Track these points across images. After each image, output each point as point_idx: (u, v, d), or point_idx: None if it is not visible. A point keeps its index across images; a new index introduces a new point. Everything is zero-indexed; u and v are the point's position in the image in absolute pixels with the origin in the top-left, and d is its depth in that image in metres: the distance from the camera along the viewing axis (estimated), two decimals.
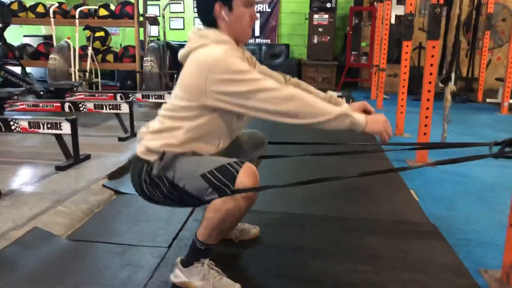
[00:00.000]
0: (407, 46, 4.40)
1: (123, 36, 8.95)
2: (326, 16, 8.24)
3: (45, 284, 1.70)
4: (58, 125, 2.98)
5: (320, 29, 8.29)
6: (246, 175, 1.47)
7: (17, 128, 3.06)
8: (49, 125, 3.00)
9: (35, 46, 7.30)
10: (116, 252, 1.96)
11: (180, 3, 9.24)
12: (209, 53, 1.50)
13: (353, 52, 8.38)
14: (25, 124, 3.04)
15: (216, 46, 1.52)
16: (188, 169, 1.53)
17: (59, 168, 2.94)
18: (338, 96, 1.84)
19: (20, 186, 2.64)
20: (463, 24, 7.08)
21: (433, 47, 3.24)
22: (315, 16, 8.27)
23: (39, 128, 3.03)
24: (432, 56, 3.26)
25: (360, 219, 2.41)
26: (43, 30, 9.13)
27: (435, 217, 2.43)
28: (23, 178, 2.78)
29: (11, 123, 3.04)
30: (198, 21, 1.67)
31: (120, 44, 8.89)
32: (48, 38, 8.60)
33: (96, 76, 6.25)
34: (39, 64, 6.76)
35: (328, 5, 8.25)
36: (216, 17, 1.59)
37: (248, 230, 2.10)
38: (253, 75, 1.45)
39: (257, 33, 9.07)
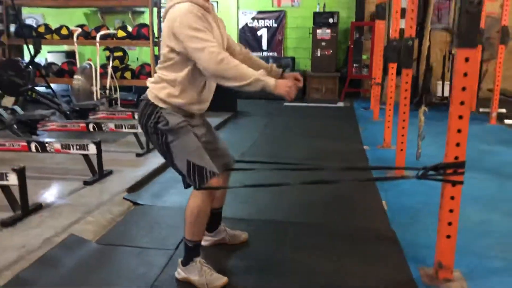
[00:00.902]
0: (407, 75, 4.07)
1: (140, 51, 9.55)
2: (329, 31, 8.74)
3: (80, 278, 2.26)
4: (86, 147, 3.56)
5: (323, 43, 8.80)
6: (207, 193, 2.08)
7: (51, 150, 3.65)
8: (78, 147, 3.58)
9: (58, 62, 7.96)
10: (134, 253, 2.51)
11: None
12: (177, 9, 1.96)
13: (354, 64, 8.86)
14: (58, 146, 3.62)
15: (183, 4, 1.96)
16: (183, 148, 2.05)
17: (86, 183, 3.52)
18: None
19: (56, 199, 3.22)
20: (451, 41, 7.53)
21: (407, 74, 3.74)
22: (318, 31, 8.78)
23: (69, 149, 3.61)
24: (406, 82, 3.76)
25: (333, 225, 2.93)
26: (65, 46, 9.81)
27: (397, 224, 2.94)
28: (58, 192, 3.36)
29: (47, 145, 3.63)
30: None
31: (137, 58, 9.55)
32: (70, 54, 9.30)
33: (116, 92, 6.87)
34: (63, 81, 7.39)
35: (331, 20, 8.76)
36: None
37: (238, 236, 2.64)
38: (204, 35, 1.90)
39: (264, 46, 9.62)
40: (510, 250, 2.62)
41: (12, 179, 2.78)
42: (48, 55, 9.46)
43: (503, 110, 6.97)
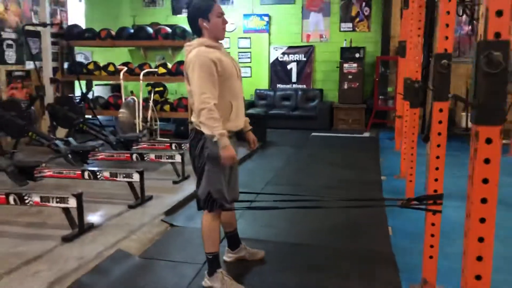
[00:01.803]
0: (414, 113, 4.49)
1: (178, 84, 10.28)
2: (355, 65, 9.22)
3: (126, 285, 2.79)
4: (131, 175, 4.15)
5: (350, 76, 9.28)
6: (215, 216, 2.64)
7: (101, 177, 4.25)
8: (124, 175, 4.17)
9: (104, 95, 8.79)
10: (169, 266, 3.03)
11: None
12: (191, 55, 2.47)
13: (380, 96, 9.27)
14: (107, 174, 4.23)
15: (194, 50, 2.48)
16: (211, 179, 2.56)
17: (130, 207, 4.09)
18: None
19: (105, 220, 3.79)
20: None
21: (414, 113, 4.16)
22: (345, 65, 9.27)
23: (116, 177, 4.21)
24: (414, 120, 4.17)
25: (340, 247, 3.37)
26: None
27: (398, 248, 3.33)
28: (107, 214, 3.94)
29: (98, 174, 4.24)
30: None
31: (175, 91, 10.30)
32: (115, 87, 10.16)
33: (156, 123, 7.56)
34: (109, 114, 8.16)
35: (357, 55, 9.26)
36: (200, 28, 2.57)
37: (256, 253, 3.11)
38: (205, 84, 2.39)
39: (294, 79, 10.18)
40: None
41: (72, 202, 3.37)
42: (96, 87, 10.35)
43: None
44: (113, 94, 8.60)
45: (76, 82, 7.79)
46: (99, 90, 9.96)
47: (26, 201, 3.49)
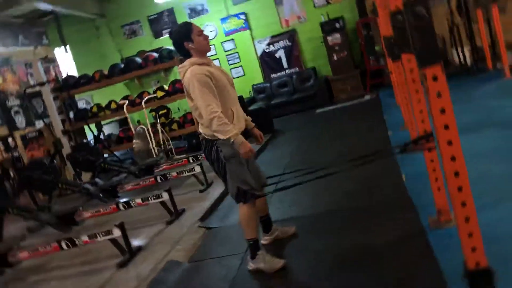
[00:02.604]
0: (397, 67, 4.80)
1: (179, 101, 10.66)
2: (338, 35, 9.48)
3: (185, 287, 3.15)
4: (161, 195, 4.50)
5: (336, 48, 9.53)
6: (250, 205, 2.89)
7: (135, 205, 4.62)
8: (154, 197, 4.53)
9: (114, 130, 9.19)
10: (216, 262, 3.39)
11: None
12: (187, 74, 2.79)
13: (370, 57, 9.50)
14: (139, 201, 4.59)
15: (189, 70, 2.79)
16: (235, 175, 2.88)
17: (168, 223, 4.45)
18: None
19: (149, 240, 4.16)
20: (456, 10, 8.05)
21: (398, 67, 4.43)
22: (329, 38, 9.54)
23: (148, 201, 4.57)
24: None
25: (361, 202, 3.67)
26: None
27: (414, 192, 3.61)
28: (149, 234, 4.31)
29: (131, 202, 4.61)
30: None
31: (178, 108, 10.66)
32: (122, 121, 10.56)
33: (168, 144, 7.93)
34: (124, 148, 8.56)
35: (337, 25, 9.51)
36: (187, 49, 2.89)
37: (288, 230, 3.44)
38: (207, 97, 2.70)
39: (285, 65, 10.46)
40: (499, 191, 3.22)
41: (116, 232, 3.74)
42: (105, 126, 10.76)
43: None
44: (122, 129, 8.99)
45: (86, 127, 8.19)
46: (108, 128, 10.37)
47: (77, 243, 3.87)
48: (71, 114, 8.66)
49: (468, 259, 1.83)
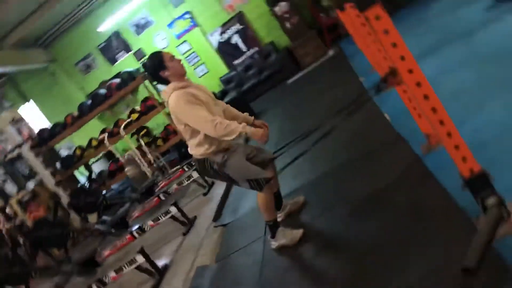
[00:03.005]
0: None
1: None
2: (284, 3, 9.49)
3: (220, 285, 3.26)
4: (169, 211, 4.59)
5: (286, 15, 9.56)
6: (267, 190, 2.94)
7: (148, 228, 4.70)
8: (164, 214, 4.61)
9: (104, 166, 9.21)
10: (241, 253, 3.50)
11: None
12: (172, 101, 2.86)
13: (321, 14, 9.55)
14: (151, 223, 4.67)
15: (173, 94, 2.87)
16: (239, 173, 2.96)
17: (184, 234, 4.54)
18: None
19: (172, 255, 4.25)
20: None
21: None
22: (276, 9, 9.55)
23: (159, 220, 4.65)
24: None
25: (353, 150, 3.79)
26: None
27: (401, 127, 3.72)
28: (170, 250, 4.40)
29: (143, 227, 4.69)
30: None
31: (157, 124, 10.66)
32: (108, 154, 10.57)
33: (160, 161, 7.99)
34: (118, 179, 8.57)
35: None
36: (164, 77, 2.96)
37: (298, 201, 3.55)
38: (198, 112, 2.77)
39: (244, 49, 10.48)
40: (476, 99, 3.33)
41: (140, 259, 3.83)
42: (93, 165, 10.75)
43: None
44: (111, 161, 9.01)
45: (77, 172, 8.22)
46: (98, 166, 10.35)
47: (106, 281, 3.96)
48: (58, 165, 8.68)
49: (462, 169, 1.95)
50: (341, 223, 3.00)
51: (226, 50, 10.58)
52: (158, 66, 2.94)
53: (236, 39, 10.48)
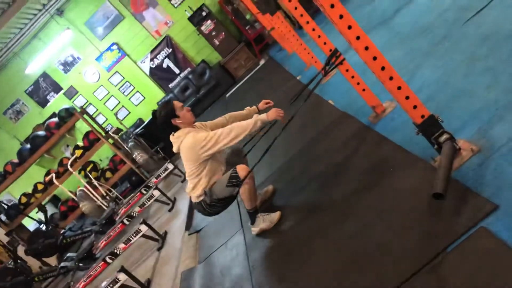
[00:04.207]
0: (278, 17, 5.55)
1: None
2: (209, 21, 9.81)
3: (213, 284, 3.37)
4: (139, 229, 4.61)
5: (213, 33, 9.87)
6: (241, 170, 3.11)
7: (120, 251, 4.69)
8: (134, 234, 4.63)
9: (53, 210, 8.92)
10: (223, 248, 3.62)
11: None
12: (187, 141, 3.08)
13: (246, 27, 9.95)
14: (122, 245, 4.66)
15: (187, 136, 3.11)
16: (219, 189, 3.15)
17: (160, 248, 4.59)
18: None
19: (154, 269, 4.28)
20: None
21: (278, 17, 4.84)
22: (202, 28, 9.84)
23: (130, 241, 4.66)
24: (282, 22, 4.85)
25: (309, 136, 4.07)
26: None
27: (348, 107, 4.06)
28: (150, 266, 4.42)
29: (115, 251, 4.67)
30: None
31: (100, 160, 10.48)
32: (54, 198, 10.26)
33: (112, 193, 7.89)
34: (75, 216, 8.35)
35: (204, 13, 9.84)
36: (175, 124, 3.18)
37: (267, 190, 3.75)
38: (210, 135, 3.02)
39: (177, 71, 10.63)
40: (407, 69, 3.75)
41: (122, 277, 3.84)
42: (39, 214, 10.33)
43: None
44: (61, 203, 8.76)
45: (26, 219, 7.89)
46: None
47: None
48: (3, 217, 8.29)
49: (414, 116, 2.25)
50: (313, 196, 3.23)
51: (160, 75, 10.67)
52: (170, 115, 3.13)
53: (167, 63, 10.62)
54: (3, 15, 8.32)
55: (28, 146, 8.32)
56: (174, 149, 3.23)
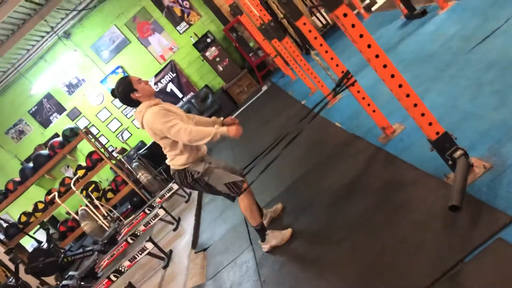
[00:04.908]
0: (286, 42, 5.53)
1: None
2: (213, 48, 10.02)
3: None
4: (145, 247, 4.62)
5: (217, 59, 10.07)
6: (247, 194, 3.19)
7: (125, 269, 4.68)
8: (140, 252, 4.64)
9: (51, 232, 8.87)
10: (232, 265, 3.64)
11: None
12: (149, 114, 3.03)
13: (250, 54, 10.16)
14: (127, 263, 4.66)
15: (148, 111, 3.05)
16: (217, 179, 3.16)
17: (165, 266, 4.59)
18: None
19: (159, 285, 4.29)
20: None
21: (286, 42, 5.01)
22: (207, 54, 10.04)
23: (135, 258, 4.66)
24: (290, 46, 5.01)
25: (317, 157, 4.15)
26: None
27: (352, 128, 4.17)
28: (157, 281, 4.41)
29: (120, 268, 4.67)
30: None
31: (106, 179, 10.51)
32: (52, 219, 10.19)
33: (113, 213, 7.88)
34: (75, 237, 8.30)
35: (208, 40, 10.07)
36: (135, 99, 3.12)
37: (276, 208, 3.80)
38: (173, 122, 2.95)
39: (180, 95, 10.77)
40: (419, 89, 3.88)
41: None
42: (35, 234, 10.22)
43: (367, 1, 8.40)
44: (60, 223, 8.72)
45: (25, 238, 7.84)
46: (40, 235, 9.87)
47: None
48: (1, 236, 8.24)
49: (429, 133, 2.35)
50: (324, 213, 3.29)
51: (163, 99, 10.64)
52: (128, 89, 3.10)
53: (171, 87, 10.77)
54: (12, 36, 8.48)
55: (31, 164, 8.34)
56: (139, 125, 3.20)
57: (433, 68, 3.99)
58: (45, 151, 8.36)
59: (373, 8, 7.99)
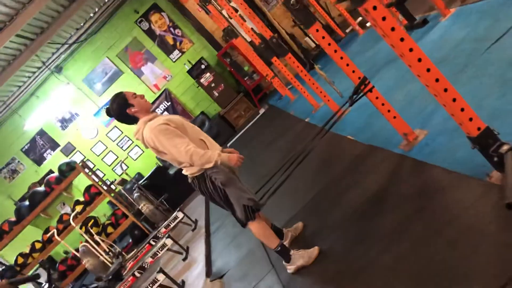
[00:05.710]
0: (289, 58, 5.36)
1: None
2: (208, 74, 9.95)
3: None
4: (156, 279, 4.35)
5: (212, 85, 9.98)
6: (257, 218, 3.00)
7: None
8: (151, 284, 4.36)
9: (53, 271, 8.48)
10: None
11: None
12: (147, 131, 2.85)
13: (245, 78, 10.09)
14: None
15: (146, 128, 2.87)
16: (236, 196, 2.95)
17: None
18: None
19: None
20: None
21: (289, 57, 4.89)
22: (201, 80, 9.95)
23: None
24: (293, 62, 4.90)
25: (332, 172, 3.97)
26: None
27: (367, 139, 4.01)
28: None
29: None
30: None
31: (104, 215, 10.18)
32: (49, 259, 9.78)
33: (114, 248, 7.56)
34: (76, 274, 7.95)
35: (202, 66, 10.00)
36: (132, 115, 2.97)
37: (297, 226, 3.59)
38: (176, 140, 2.78)
39: None
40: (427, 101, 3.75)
41: None
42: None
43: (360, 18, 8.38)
44: (59, 262, 8.36)
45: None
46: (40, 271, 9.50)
47: None
48: None
49: (470, 129, 2.19)
50: (353, 229, 3.08)
51: None
52: (123, 106, 2.95)
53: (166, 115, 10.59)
54: (3, 73, 8.31)
55: (27, 203, 8.05)
56: (142, 142, 3.00)
57: (448, 72, 3.83)
58: (41, 188, 8.10)
59: (368, 24, 7.96)
